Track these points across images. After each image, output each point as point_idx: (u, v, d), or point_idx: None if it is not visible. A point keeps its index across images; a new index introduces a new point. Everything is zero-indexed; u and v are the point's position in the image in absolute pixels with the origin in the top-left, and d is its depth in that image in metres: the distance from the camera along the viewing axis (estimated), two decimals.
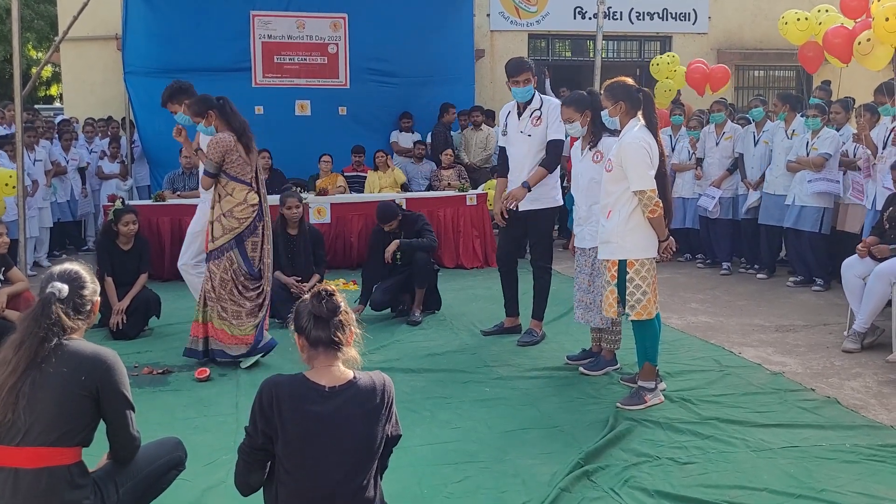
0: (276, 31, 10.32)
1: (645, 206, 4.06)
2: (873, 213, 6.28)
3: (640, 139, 4.06)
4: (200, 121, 5.03)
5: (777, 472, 3.41)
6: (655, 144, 4.12)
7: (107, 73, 11.53)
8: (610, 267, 4.24)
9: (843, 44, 7.49)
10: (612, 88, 4.23)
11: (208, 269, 4.96)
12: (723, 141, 8.18)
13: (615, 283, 4.21)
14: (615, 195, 4.18)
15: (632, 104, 4.15)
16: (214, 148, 4.86)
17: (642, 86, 4.37)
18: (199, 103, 5.07)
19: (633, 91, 4.18)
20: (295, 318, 2.36)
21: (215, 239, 4.92)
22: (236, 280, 4.93)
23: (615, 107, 4.18)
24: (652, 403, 4.19)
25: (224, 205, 4.92)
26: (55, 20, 15.76)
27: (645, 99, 4.18)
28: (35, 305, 2.46)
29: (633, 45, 13.38)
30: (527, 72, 5.27)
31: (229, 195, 4.93)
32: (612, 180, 4.18)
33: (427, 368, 4.93)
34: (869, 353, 5.22)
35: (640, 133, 4.10)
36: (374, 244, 6.36)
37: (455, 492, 3.26)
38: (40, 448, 2.34)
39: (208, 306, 4.92)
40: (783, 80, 13.82)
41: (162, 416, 4.12)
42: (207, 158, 4.89)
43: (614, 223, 4.17)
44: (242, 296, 4.94)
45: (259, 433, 2.30)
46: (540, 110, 5.32)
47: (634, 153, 4.03)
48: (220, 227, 4.92)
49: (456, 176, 9.36)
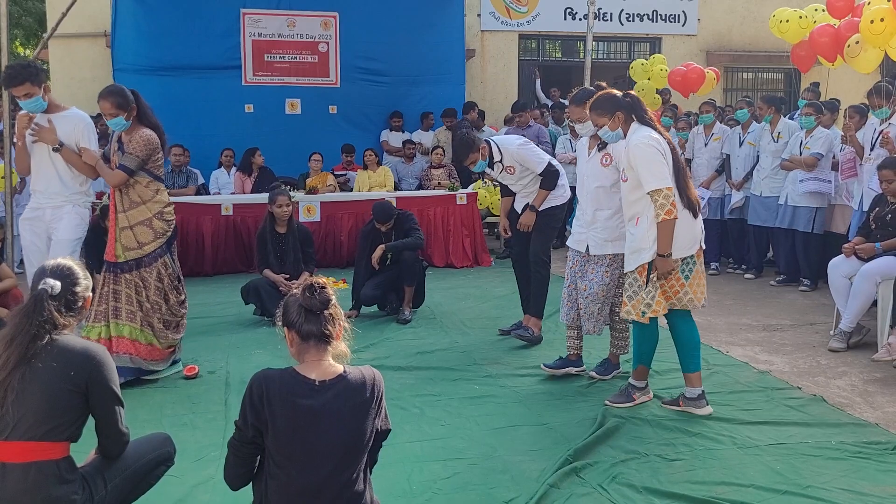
0: (266, 30, 10.31)
1: (661, 206, 3.82)
2: (860, 214, 6.33)
3: (647, 137, 3.91)
4: (120, 115, 4.48)
5: (763, 468, 3.43)
6: (664, 139, 3.96)
7: (96, 70, 11.45)
8: (641, 272, 4.00)
9: (829, 43, 7.55)
10: (602, 104, 4.08)
11: (136, 278, 4.54)
12: (711, 142, 8.23)
13: (645, 288, 3.99)
14: (640, 202, 3.98)
15: (626, 111, 4.04)
16: (145, 145, 4.51)
17: (630, 90, 4.38)
18: (124, 96, 4.51)
19: (622, 99, 4.07)
20: (284, 312, 2.36)
21: (144, 244, 4.54)
22: (170, 286, 4.65)
23: (613, 119, 4.04)
24: (641, 401, 4.20)
25: (152, 206, 4.57)
26: (43, 17, 15.66)
27: (634, 101, 4.07)
28: (27, 302, 2.45)
29: (623, 47, 13.43)
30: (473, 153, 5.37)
31: (155, 196, 4.59)
32: (631, 188, 4.01)
33: (417, 366, 4.94)
34: (855, 352, 5.26)
35: (646, 132, 3.95)
36: (363, 247, 6.35)
37: (444, 488, 3.27)
38: (28, 442, 2.33)
39: (124, 319, 4.51)
40: (772, 83, 13.90)
41: (150, 413, 4.12)
42: (132, 154, 4.49)
43: (644, 228, 3.95)
44: (178, 303, 4.71)
45: (249, 427, 2.30)
46: (501, 162, 5.39)
47: (643, 152, 3.88)
48: (149, 231, 4.55)
49: (446, 175, 9.38)
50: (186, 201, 8.20)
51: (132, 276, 4.54)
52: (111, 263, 4.57)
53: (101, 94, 4.50)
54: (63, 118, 4.75)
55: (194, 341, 5.52)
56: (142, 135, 4.52)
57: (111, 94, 4.50)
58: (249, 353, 5.23)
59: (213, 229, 8.11)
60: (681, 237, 3.93)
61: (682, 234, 3.94)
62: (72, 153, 4.72)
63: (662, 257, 3.89)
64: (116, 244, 4.55)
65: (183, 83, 9.92)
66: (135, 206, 4.56)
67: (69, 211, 4.80)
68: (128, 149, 4.52)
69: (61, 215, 4.78)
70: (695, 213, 4.01)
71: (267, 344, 5.40)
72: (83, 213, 4.87)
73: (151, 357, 4.58)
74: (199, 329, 5.88)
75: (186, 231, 8.00)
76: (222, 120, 10.02)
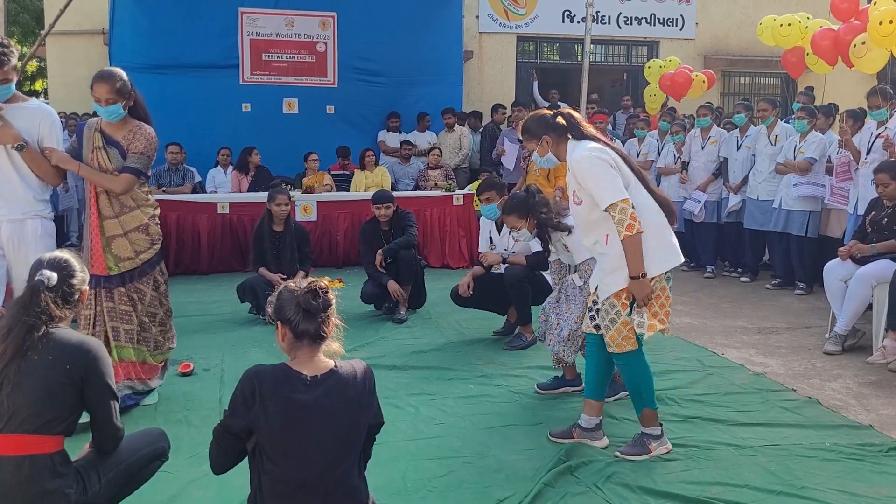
0: (264, 29, 10.30)
1: (620, 221, 3.31)
2: (855, 218, 6.35)
3: (588, 150, 3.46)
4: (119, 102, 3.89)
5: (758, 469, 3.44)
6: (609, 149, 3.52)
7: (93, 68, 11.28)
8: (619, 295, 3.47)
9: (830, 46, 7.57)
10: (528, 129, 3.71)
11: (132, 291, 4.03)
12: (708, 145, 8.25)
13: (626, 312, 3.49)
14: (603, 221, 3.46)
15: (557, 132, 3.61)
16: (151, 142, 4.02)
17: (628, 91, 4.31)
18: (125, 80, 3.93)
19: (551, 120, 3.64)
20: (279, 307, 2.35)
21: (140, 253, 4.02)
22: (164, 294, 4.21)
23: (540, 144, 3.65)
24: (658, 452, 3.56)
25: (147, 210, 4.08)
26: (41, 14, 15.64)
27: (567, 119, 3.61)
28: (23, 293, 2.45)
29: (621, 50, 13.46)
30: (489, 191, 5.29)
31: (148, 199, 4.12)
32: (588, 209, 3.50)
33: (412, 365, 4.94)
34: (850, 355, 5.28)
35: (585, 145, 3.50)
36: (366, 233, 6.36)
37: (439, 486, 3.26)
38: (23, 435, 2.33)
39: (124, 341, 4.02)
40: (768, 87, 13.95)
41: (145, 409, 4.11)
42: (138, 154, 3.97)
43: (617, 245, 3.40)
44: (169, 312, 4.26)
45: (236, 420, 2.30)
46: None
47: (587, 167, 3.42)
48: (146, 238, 4.06)
49: (443, 176, 9.38)
50: (183, 199, 8.19)
51: (127, 289, 4.02)
52: (101, 278, 3.96)
53: (99, 76, 3.89)
54: (21, 111, 3.92)
55: (189, 339, 5.51)
56: (145, 131, 4.02)
57: (111, 77, 3.87)
58: (245, 351, 5.23)
59: (209, 227, 8.10)
60: (662, 246, 3.47)
61: (663, 244, 3.48)
62: (37, 154, 3.94)
63: (637, 279, 3.38)
64: (106, 255, 3.97)
65: (180, 81, 9.90)
66: (127, 210, 4.02)
67: (36, 228, 3.98)
68: (131, 147, 3.97)
69: (25, 232, 3.94)
70: (670, 217, 3.54)
71: (262, 342, 5.40)
72: (51, 227, 4.12)
73: (147, 376, 4.14)
74: (195, 327, 5.88)
75: (182, 229, 8.01)
76: (219, 119, 10.01)
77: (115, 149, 3.99)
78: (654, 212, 3.49)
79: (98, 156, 3.98)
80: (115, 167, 3.98)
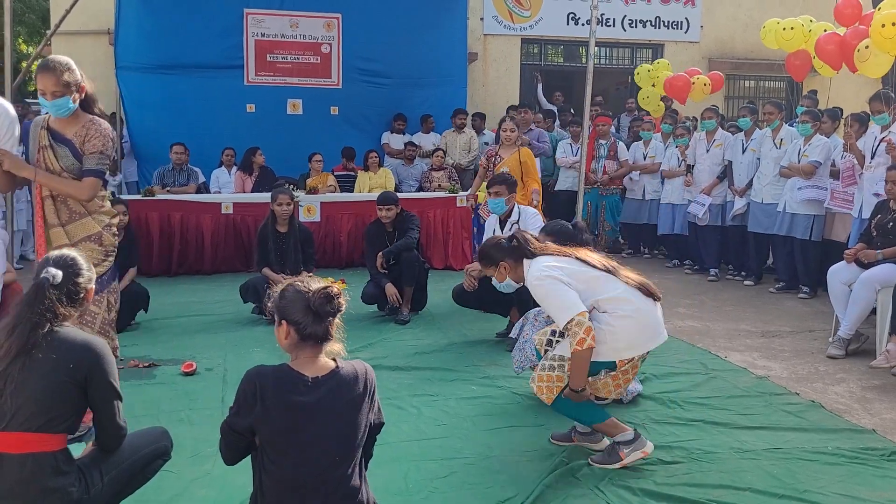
0: (269, 30, 10.32)
1: (573, 335, 3.27)
2: (860, 222, 6.34)
3: (539, 270, 3.44)
4: (67, 95, 3.47)
5: (760, 472, 3.43)
6: (562, 256, 3.51)
7: (98, 67, 11.43)
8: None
9: (835, 51, 7.56)
10: (484, 257, 3.76)
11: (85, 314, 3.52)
12: (713, 148, 8.24)
13: None
14: None
15: (513, 257, 3.64)
16: (108, 139, 3.60)
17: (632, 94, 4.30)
18: (73, 71, 3.50)
19: (505, 245, 3.68)
20: (285, 305, 2.34)
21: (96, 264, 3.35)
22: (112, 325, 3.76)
23: (498, 270, 3.68)
24: (633, 459, 3.44)
25: (100, 218, 3.67)
26: (46, 14, 15.67)
27: (519, 240, 3.64)
28: (28, 290, 2.45)
29: (625, 52, 13.44)
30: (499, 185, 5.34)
31: (102, 207, 3.70)
32: None
33: (414, 366, 4.94)
34: (853, 359, 5.26)
35: (539, 264, 3.49)
36: (370, 234, 6.38)
37: (440, 487, 3.26)
38: (26, 433, 2.33)
39: None
40: (773, 91, 13.93)
41: (148, 408, 4.11)
42: (98, 153, 3.56)
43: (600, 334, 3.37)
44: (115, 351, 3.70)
45: (240, 419, 2.31)
46: (518, 223, 5.37)
47: (541, 288, 3.40)
48: (98, 249, 3.62)
49: (446, 177, 9.39)
50: (187, 199, 8.21)
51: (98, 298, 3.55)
52: None
53: (43, 65, 3.45)
54: None
55: (192, 338, 5.54)
56: (100, 127, 3.59)
57: (57, 67, 3.42)
58: (247, 351, 5.23)
59: (213, 228, 8.11)
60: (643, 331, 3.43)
61: (644, 328, 3.43)
62: None
63: (576, 392, 3.39)
64: None
65: (185, 82, 9.93)
66: (77, 218, 3.60)
67: None
68: (88, 147, 3.56)
69: None
70: (652, 296, 3.49)
71: (265, 342, 5.40)
72: (4, 236, 3.85)
73: None
74: (198, 326, 5.89)
75: (186, 229, 8.03)
76: (224, 119, 10.02)
77: (66, 147, 3.56)
78: (632, 299, 3.42)
79: (45, 156, 3.55)
80: (66, 167, 3.56)
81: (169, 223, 7.97)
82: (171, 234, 7.98)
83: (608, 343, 3.36)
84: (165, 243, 7.97)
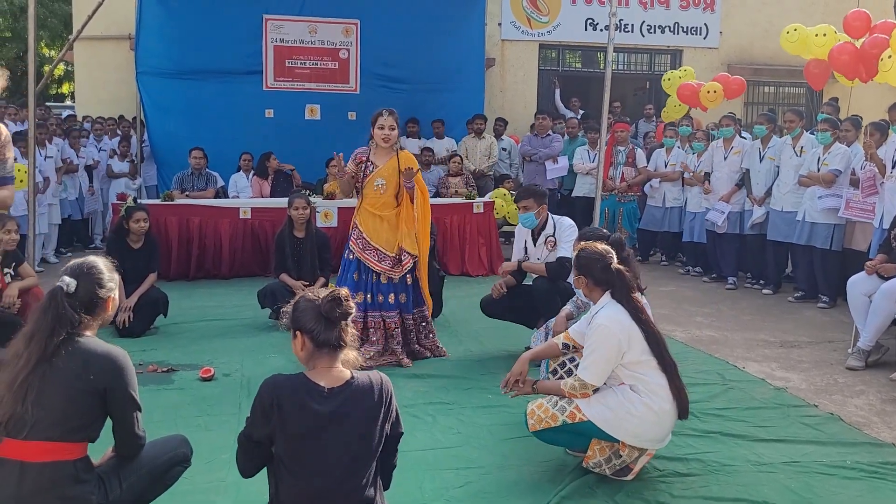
0: (288, 35, 10.40)
1: (572, 388, 3.33)
2: (881, 232, 6.27)
3: (610, 321, 3.31)
4: None
5: (777, 486, 3.41)
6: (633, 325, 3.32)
7: (119, 72, 11.60)
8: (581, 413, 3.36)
9: (849, 61, 7.51)
10: (577, 257, 3.55)
11: None
12: (731, 155, 8.19)
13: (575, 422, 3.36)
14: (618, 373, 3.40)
15: (595, 281, 3.43)
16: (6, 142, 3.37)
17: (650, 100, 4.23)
18: None
19: (597, 265, 3.42)
20: (298, 317, 2.36)
21: None
22: None
23: (577, 279, 3.53)
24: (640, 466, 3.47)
25: None
26: (69, 19, 15.87)
27: (618, 278, 3.39)
28: (44, 298, 2.48)
29: (644, 58, 13.40)
30: (527, 198, 5.22)
31: None
32: None
33: (430, 374, 4.94)
34: (873, 370, 5.21)
35: (613, 308, 3.36)
36: None
37: (456, 496, 3.27)
38: (46, 442, 2.35)
39: None
40: (793, 97, 13.83)
41: (165, 414, 4.14)
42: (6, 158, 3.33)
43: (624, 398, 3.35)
44: None
45: (256, 429, 2.33)
46: (554, 236, 5.23)
47: (599, 335, 3.31)
48: None
49: (463, 183, 9.39)
50: (205, 204, 8.27)
51: None
52: None
53: None
54: None
55: (210, 343, 5.57)
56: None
57: None
58: (265, 357, 5.26)
59: (231, 232, 8.16)
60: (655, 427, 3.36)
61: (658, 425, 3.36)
62: None
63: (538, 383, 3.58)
64: None
65: (205, 87, 10.03)
66: None
67: None
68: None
69: None
70: (682, 410, 3.37)
71: (283, 348, 5.42)
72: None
73: None
74: (216, 331, 5.93)
75: (204, 234, 8.08)
76: (243, 124, 10.11)
77: None
78: (665, 399, 3.34)
79: None
80: None
81: (188, 228, 8.04)
82: (189, 239, 8.04)
83: (623, 422, 3.31)
84: (184, 248, 8.03)
